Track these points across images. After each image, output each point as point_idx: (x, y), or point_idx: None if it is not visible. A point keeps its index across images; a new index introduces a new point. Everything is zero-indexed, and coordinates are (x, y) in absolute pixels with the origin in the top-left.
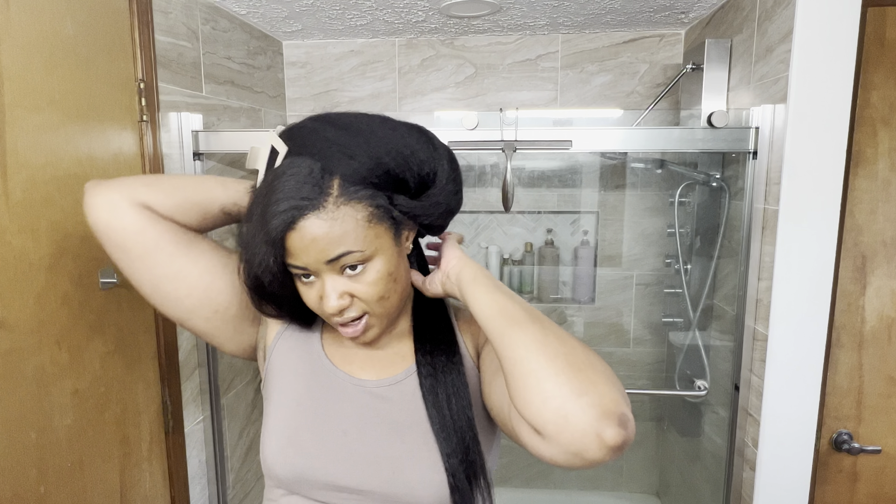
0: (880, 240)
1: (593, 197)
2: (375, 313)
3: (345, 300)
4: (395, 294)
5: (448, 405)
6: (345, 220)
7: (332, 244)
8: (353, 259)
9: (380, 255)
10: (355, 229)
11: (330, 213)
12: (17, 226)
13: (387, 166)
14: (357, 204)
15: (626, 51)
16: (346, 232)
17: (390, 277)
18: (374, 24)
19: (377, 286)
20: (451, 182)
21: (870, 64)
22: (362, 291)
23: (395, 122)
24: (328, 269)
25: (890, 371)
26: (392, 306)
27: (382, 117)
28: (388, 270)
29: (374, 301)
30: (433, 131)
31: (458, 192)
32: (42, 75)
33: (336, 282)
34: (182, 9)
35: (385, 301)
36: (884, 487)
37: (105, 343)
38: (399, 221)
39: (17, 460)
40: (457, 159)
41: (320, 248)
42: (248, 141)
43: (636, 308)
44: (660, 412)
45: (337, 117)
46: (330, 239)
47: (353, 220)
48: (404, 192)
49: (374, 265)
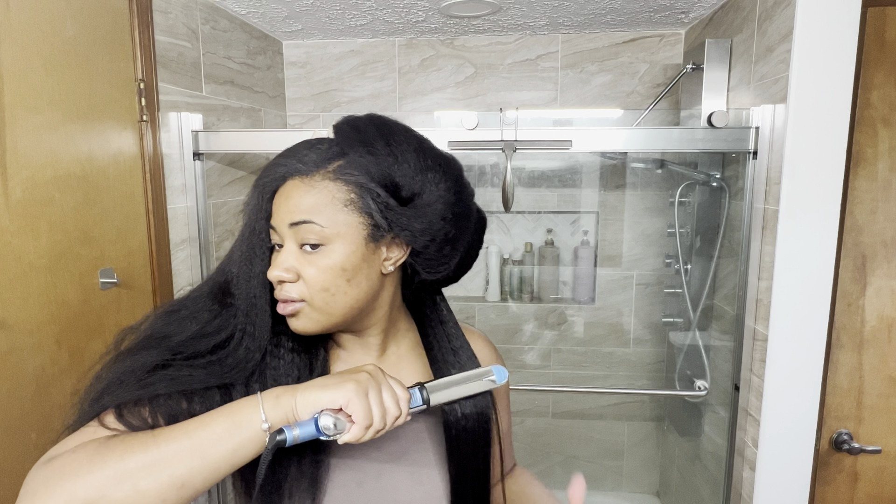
0: (880, 240)
1: (593, 197)
2: (313, 305)
3: (289, 275)
4: (342, 295)
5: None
6: (321, 193)
7: (300, 209)
8: (313, 233)
9: (341, 242)
10: (328, 205)
11: (313, 182)
12: (17, 226)
13: (392, 168)
14: (342, 185)
15: (626, 51)
16: (317, 203)
17: (343, 273)
18: (374, 24)
19: (325, 274)
20: (442, 203)
21: (870, 64)
22: (310, 274)
23: (430, 146)
24: (291, 235)
25: (890, 371)
26: (335, 307)
27: (423, 137)
28: (344, 265)
29: (316, 289)
30: (433, 131)
31: (449, 221)
32: (42, 75)
33: (291, 255)
34: (182, 9)
35: (327, 296)
36: (884, 487)
37: (105, 343)
38: (379, 225)
39: (17, 460)
40: (467, 197)
41: (290, 208)
42: (249, 141)
43: (636, 308)
44: (660, 412)
45: (382, 118)
46: (300, 204)
47: (330, 196)
48: (395, 197)
49: (331, 250)
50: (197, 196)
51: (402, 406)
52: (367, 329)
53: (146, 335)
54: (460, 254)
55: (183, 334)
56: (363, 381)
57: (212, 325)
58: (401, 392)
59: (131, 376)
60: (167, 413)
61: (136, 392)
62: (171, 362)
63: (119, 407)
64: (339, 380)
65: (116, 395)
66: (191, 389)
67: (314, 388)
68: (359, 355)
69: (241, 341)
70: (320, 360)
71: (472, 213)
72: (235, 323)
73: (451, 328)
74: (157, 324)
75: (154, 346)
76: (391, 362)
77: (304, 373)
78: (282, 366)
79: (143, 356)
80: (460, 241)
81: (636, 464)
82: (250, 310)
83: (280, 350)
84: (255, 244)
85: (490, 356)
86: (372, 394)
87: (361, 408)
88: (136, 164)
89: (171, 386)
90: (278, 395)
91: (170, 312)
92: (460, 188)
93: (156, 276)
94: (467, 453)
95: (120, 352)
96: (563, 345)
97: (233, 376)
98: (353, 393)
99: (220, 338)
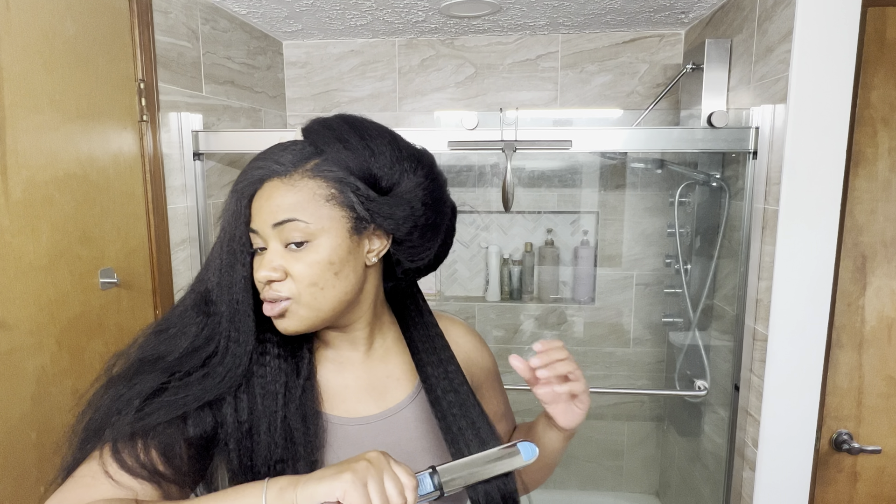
0: (880, 240)
1: (593, 197)
2: (302, 301)
3: (277, 273)
4: (331, 289)
5: (466, 420)
6: (302, 191)
7: (282, 209)
8: (298, 230)
9: (326, 236)
10: (310, 202)
11: (292, 181)
12: (17, 226)
13: (369, 162)
14: (321, 181)
15: (626, 51)
16: (299, 201)
17: (331, 267)
18: (374, 24)
19: (314, 269)
20: (422, 190)
21: (870, 64)
22: (298, 271)
23: (402, 139)
24: (274, 236)
25: (890, 371)
26: (324, 302)
27: (393, 131)
28: (331, 258)
29: (305, 285)
30: (433, 131)
31: (430, 206)
32: (42, 75)
33: (277, 254)
34: (182, 9)
35: (316, 290)
36: (884, 487)
37: (105, 343)
38: (361, 217)
39: (17, 460)
40: (441, 184)
41: (271, 209)
42: (248, 141)
43: (636, 308)
44: (660, 412)
45: (352, 116)
46: (281, 203)
47: (312, 193)
48: (375, 189)
49: (318, 245)
50: (197, 196)
51: (408, 495)
52: (354, 323)
53: (138, 358)
54: (440, 239)
55: (175, 352)
56: (361, 471)
57: (201, 338)
58: (406, 479)
59: (128, 406)
60: (162, 443)
61: (135, 425)
62: (167, 385)
63: (116, 442)
64: (337, 470)
65: (115, 427)
66: (185, 412)
67: (313, 481)
68: (346, 352)
69: (227, 348)
70: (306, 363)
71: (448, 198)
72: (220, 331)
73: (428, 317)
74: (148, 346)
75: (148, 369)
76: (379, 356)
77: (291, 378)
78: (268, 373)
79: (140, 382)
80: (440, 225)
81: (636, 464)
82: (234, 315)
83: (266, 357)
84: (236, 249)
85: (470, 342)
86: (372, 483)
87: (359, 499)
88: (136, 164)
89: (169, 413)
90: (282, 486)
91: (158, 332)
92: (435, 175)
93: (156, 276)
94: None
95: (112, 377)
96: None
97: (223, 387)
98: (349, 484)
99: (210, 349)
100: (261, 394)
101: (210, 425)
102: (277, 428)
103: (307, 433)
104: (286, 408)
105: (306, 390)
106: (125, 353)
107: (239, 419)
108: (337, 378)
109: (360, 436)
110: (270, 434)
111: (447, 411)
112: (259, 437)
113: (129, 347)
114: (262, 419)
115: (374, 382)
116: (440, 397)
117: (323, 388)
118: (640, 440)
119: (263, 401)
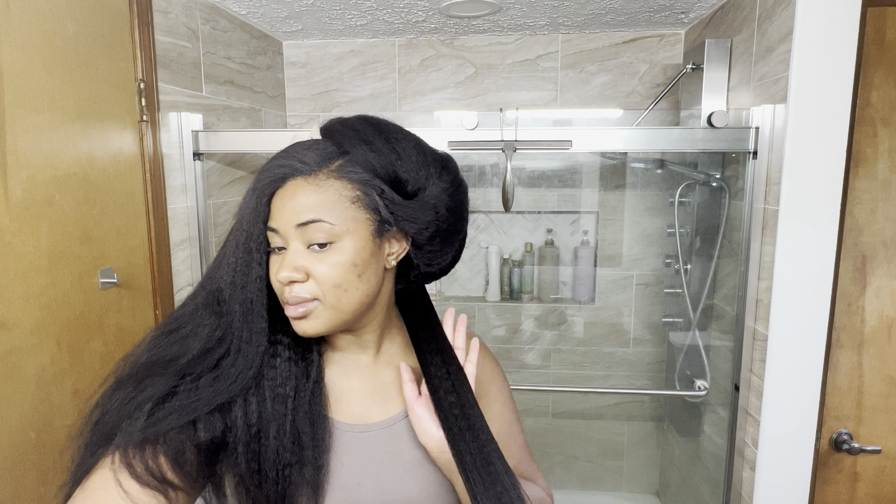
0: (880, 240)
1: (593, 197)
2: (326, 303)
3: (300, 274)
4: (354, 290)
5: (466, 421)
6: (328, 192)
7: (307, 209)
8: (323, 231)
9: (351, 238)
10: (336, 203)
11: (317, 181)
12: (17, 226)
13: (395, 165)
14: (347, 182)
15: (626, 51)
16: (324, 202)
17: (355, 269)
18: (374, 24)
19: (337, 270)
20: (447, 195)
21: (870, 64)
22: (321, 272)
23: (426, 143)
24: (297, 236)
25: (890, 371)
26: (347, 304)
27: (416, 135)
28: (355, 260)
29: (328, 286)
30: (433, 131)
31: (453, 211)
32: (42, 75)
33: (299, 254)
34: (182, 9)
35: (340, 292)
36: (884, 487)
37: (105, 343)
38: (385, 220)
39: (17, 460)
40: (465, 190)
41: (295, 209)
42: (249, 141)
43: (636, 308)
44: (660, 412)
45: (375, 117)
46: (306, 203)
47: (337, 194)
48: (400, 193)
49: (342, 247)
50: (197, 196)
51: None
52: (366, 326)
53: (149, 360)
54: (458, 244)
55: (188, 354)
56: None
57: (213, 339)
58: None
59: (139, 410)
60: (173, 449)
61: (147, 430)
62: (178, 389)
63: (126, 448)
64: None
65: (126, 432)
66: (196, 416)
67: None
68: (354, 354)
69: (239, 350)
70: (315, 366)
71: (468, 205)
72: (232, 331)
73: (433, 318)
74: (159, 346)
75: (159, 371)
76: (386, 360)
77: (301, 382)
78: (279, 375)
79: (151, 385)
80: (461, 231)
81: (636, 464)
82: (247, 315)
83: (276, 360)
84: (253, 248)
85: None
86: None
87: None
88: (136, 164)
89: (181, 418)
90: None
91: (169, 332)
92: (460, 181)
93: (156, 276)
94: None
95: (120, 378)
96: (562, 345)
97: (235, 389)
98: None
99: (222, 350)
100: (271, 397)
101: (220, 429)
102: (286, 431)
103: (315, 437)
104: (295, 411)
105: (315, 394)
106: (134, 353)
107: (248, 422)
108: (343, 381)
109: (363, 443)
110: (279, 437)
111: (448, 412)
112: (268, 441)
113: (138, 347)
114: (272, 422)
115: (379, 388)
116: (442, 398)
117: (328, 392)
118: (640, 440)
119: (273, 404)
